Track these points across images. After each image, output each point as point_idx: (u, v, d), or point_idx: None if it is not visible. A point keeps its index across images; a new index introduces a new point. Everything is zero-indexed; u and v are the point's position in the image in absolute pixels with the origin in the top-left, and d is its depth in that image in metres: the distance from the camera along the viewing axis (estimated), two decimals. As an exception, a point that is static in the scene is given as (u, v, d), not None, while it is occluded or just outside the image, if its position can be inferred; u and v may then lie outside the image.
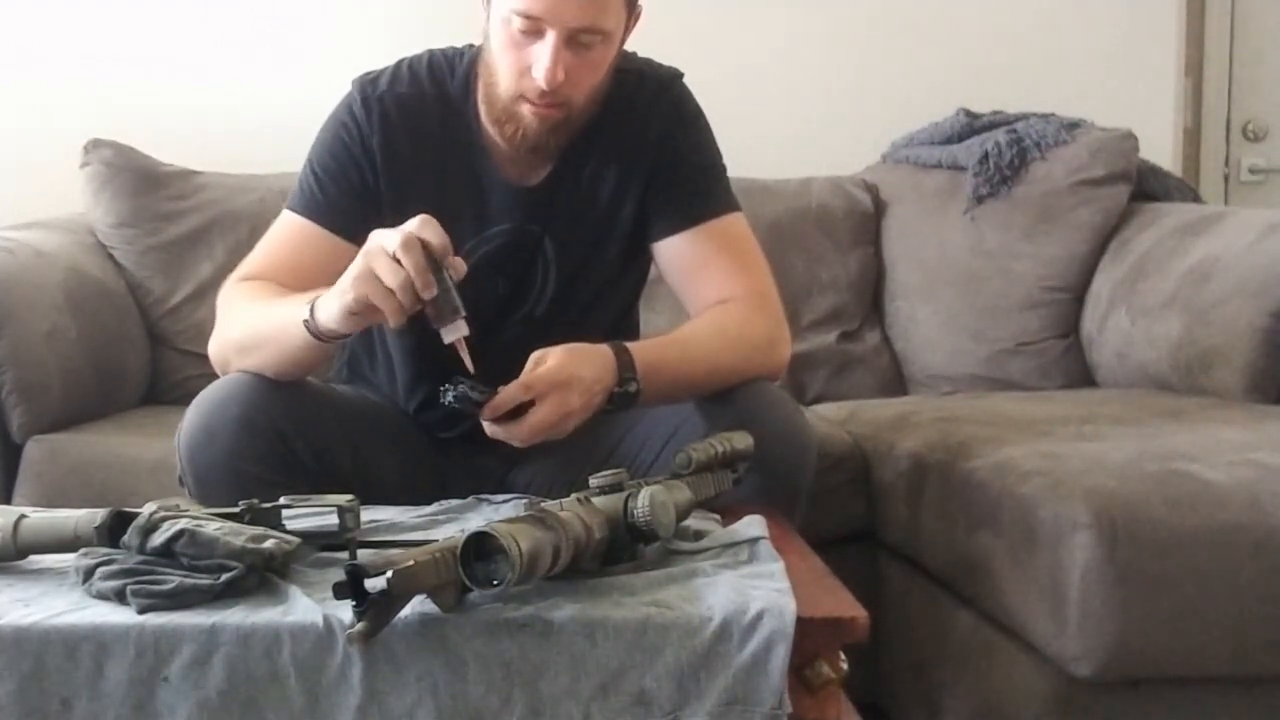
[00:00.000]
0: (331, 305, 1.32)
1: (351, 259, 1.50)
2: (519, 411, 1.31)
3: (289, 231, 1.57)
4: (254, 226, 2.41)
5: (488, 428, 1.32)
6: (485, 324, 1.56)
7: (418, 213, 1.53)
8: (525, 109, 1.46)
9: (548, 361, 1.32)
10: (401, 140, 1.54)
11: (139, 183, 2.43)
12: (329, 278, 1.42)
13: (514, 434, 1.32)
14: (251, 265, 1.56)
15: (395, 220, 1.52)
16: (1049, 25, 2.99)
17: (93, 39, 2.76)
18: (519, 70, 1.44)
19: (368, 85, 1.57)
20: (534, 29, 1.41)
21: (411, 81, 1.57)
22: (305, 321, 1.35)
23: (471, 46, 1.60)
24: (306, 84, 2.80)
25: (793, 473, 1.42)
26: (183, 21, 2.78)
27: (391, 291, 1.24)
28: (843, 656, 1.05)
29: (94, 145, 2.44)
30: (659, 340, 1.48)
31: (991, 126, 2.64)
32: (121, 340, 2.31)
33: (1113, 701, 1.49)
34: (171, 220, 2.43)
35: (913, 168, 2.72)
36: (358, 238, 1.50)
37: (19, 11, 2.75)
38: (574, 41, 1.41)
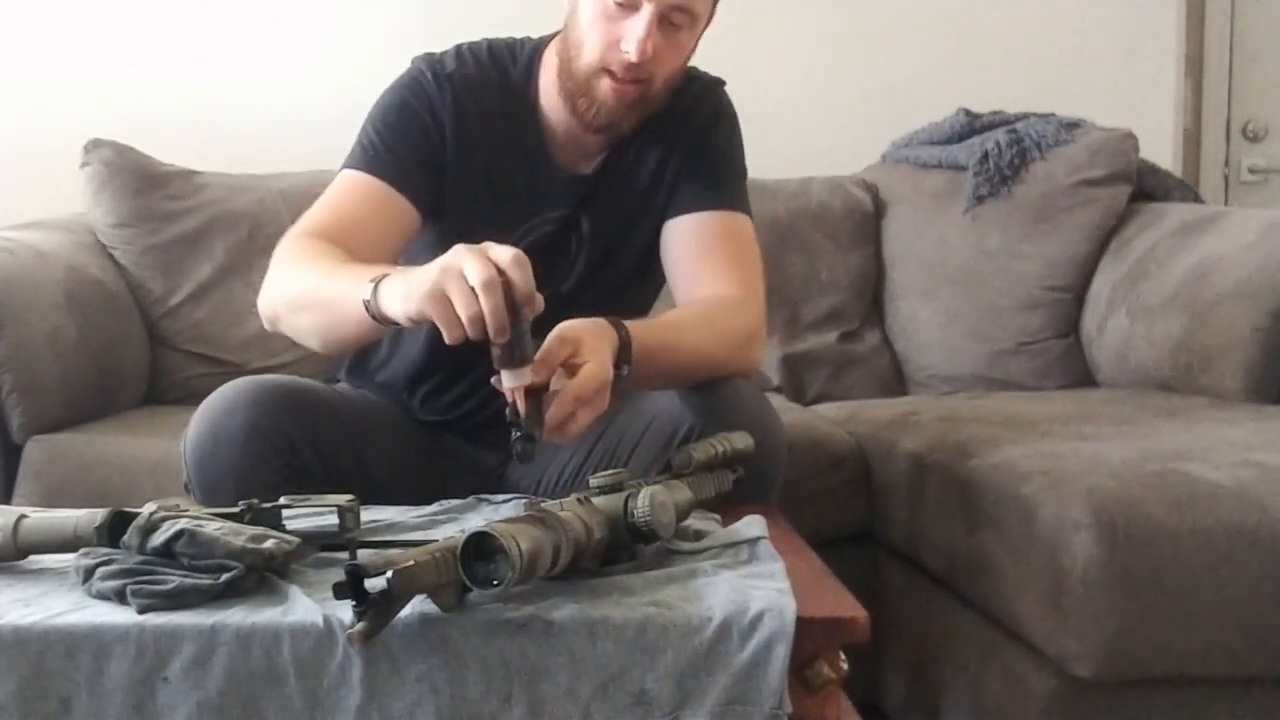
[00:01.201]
0: (394, 303, 1.24)
1: (408, 219, 1.49)
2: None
3: (348, 186, 1.54)
4: (254, 226, 2.42)
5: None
6: None
7: (476, 195, 1.53)
8: (605, 84, 1.48)
9: (591, 365, 1.27)
10: (470, 120, 1.56)
11: (139, 183, 2.43)
12: (391, 234, 1.43)
13: (563, 439, 1.28)
14: (311, 220, 1.51)
15: (455, 200, 1.52)
16: (1049, 25, 2.99)
17: (93, 39, 2.76)
18: (608, 43, 1.47)
19: (435, 63, 1.58)
20: (631, 2, 1.44)
21: (476, 65, 1.59)
22: (366, 302, 1.28)
23: (529, 38, 1.63)
24: (306, 84, 2.80)
25: (766, 465, 1.42)
26: (183, 21, 2.79)
27: (459, 321, 1.16)
28: (843, 656, 1.05)
29: (94, 145, 2.44)
30: (656, 323, 1.48)
31: (991, 126, 2.64)
32: (121, 340, 2.31)
33: (1113, 701, 1.49)
34: (171, 220, 2.43)
35: (913, 168, 2.72)
36: (416, 196, 1.52)
37: (19, 11, 2.75)
38: (665, 21, 1.46)
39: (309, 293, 1.39)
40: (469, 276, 1.14)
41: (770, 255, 2.52)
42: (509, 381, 1.20)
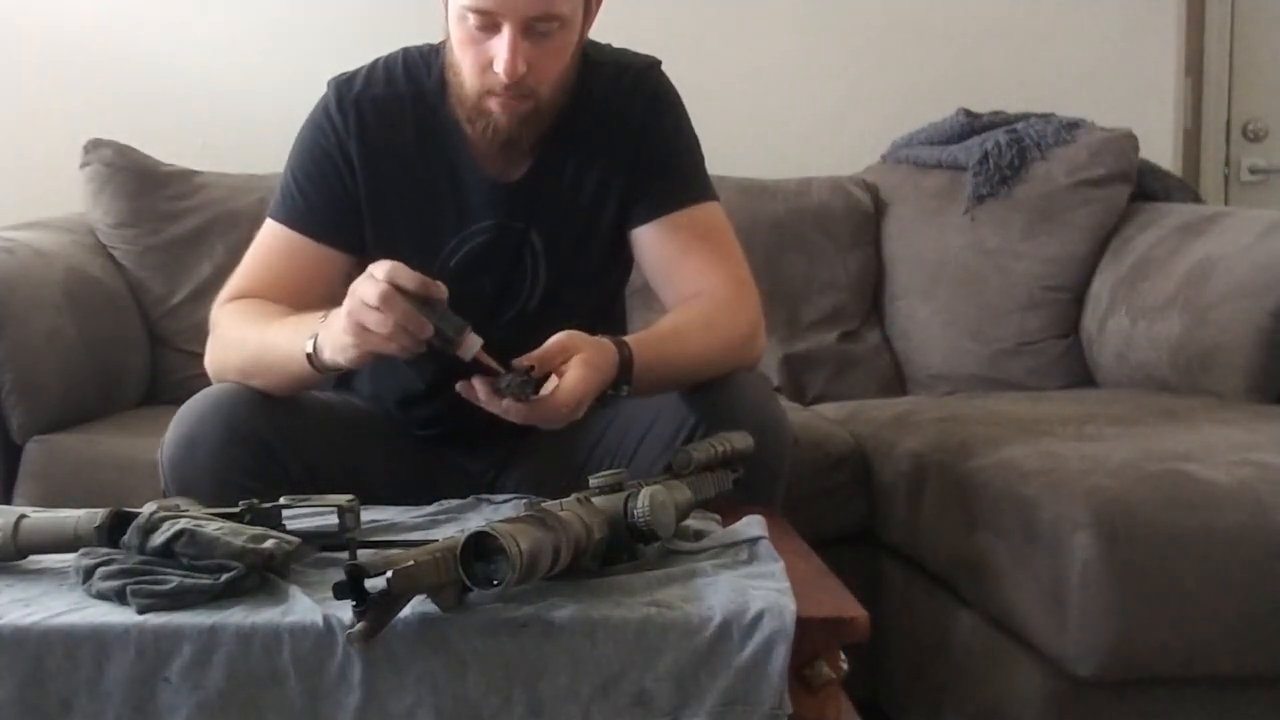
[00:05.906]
0: (334, 355, 1.32)
1: (338, 267, 1.51)
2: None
3: (274, 242, 1.56)
4: (254, 226, 2.36)
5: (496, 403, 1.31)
6: (475, 325, 1.55)
7: (397, 216, 1.53)
8: (493, 104, 1.45)
9: (569, 373, 1.30)
10: (379, 143, 1.54)
11: (139, 183, 2.43)
12: (318, 287, 1.45)
13: (514, 415, 1.31)
14: (240, 282, 1.55)
15: (375, 226, 1.53)
16: (1049, 25, 2.99)
17: (93, 39, 2.75)
18: (481, 66, 1.44)
19: (342, 86, 1.56)
20: (489, 23, 1.40)
21: (387, 81, 1.56)
22: (309, 355, 1.35)
23: (445, 43, 1.58)
24: (307, 83, 2.78)
25: (771, 459, 1.42)
26: (182, 21, 2.78)
27: (390, 338, 1.25)
28: (843, 656, 1.05)
29: (94, 145, 2.44)
30: (656, 335, 1.46)
31: (991, 126, 2.64)
32: (121, 340, 2.31)
33: (1113, 701, 1.49)
34: (171, 220, 2.43)
35: (913, 168, 2.72)
36: (343, 244, 1.53)
37: (19, 11, 2.75)
38: (531, 31, 1.41)
39: (252, 361, 1.45)
40: (367, 300, 1.24)
41: (770, 255, 2.53)
42: (465, 356, 1.27)
